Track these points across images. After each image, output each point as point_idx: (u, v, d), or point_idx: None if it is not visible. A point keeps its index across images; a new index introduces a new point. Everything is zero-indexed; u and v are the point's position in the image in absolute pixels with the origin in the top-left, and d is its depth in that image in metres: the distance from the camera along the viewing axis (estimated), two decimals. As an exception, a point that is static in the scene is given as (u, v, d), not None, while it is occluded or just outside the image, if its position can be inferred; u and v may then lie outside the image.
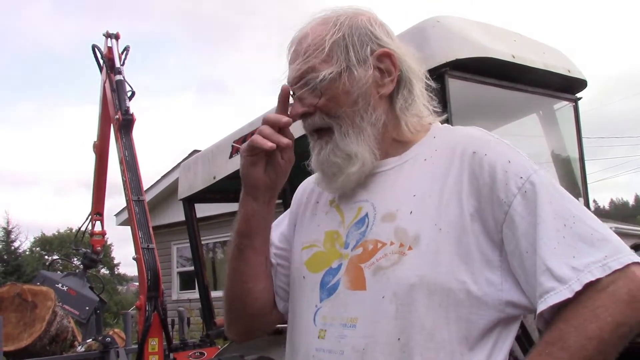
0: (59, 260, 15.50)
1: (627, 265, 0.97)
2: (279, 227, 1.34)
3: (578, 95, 3.35)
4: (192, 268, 6.92)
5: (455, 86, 2.70)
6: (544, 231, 1.01)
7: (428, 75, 1.25)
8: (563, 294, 0.97)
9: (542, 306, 0.99)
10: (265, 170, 1.19)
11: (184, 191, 4.62)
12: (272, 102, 1.22)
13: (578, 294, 0.96)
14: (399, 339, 1.03)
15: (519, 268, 1.04)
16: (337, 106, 1.16)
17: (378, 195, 1.17)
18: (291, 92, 1.21)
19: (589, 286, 0.96)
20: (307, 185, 1.38)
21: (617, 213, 47.48)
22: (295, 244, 1.29)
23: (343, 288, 1.12)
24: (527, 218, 1.03)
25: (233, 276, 1.26)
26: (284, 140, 1.17)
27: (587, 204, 3.42)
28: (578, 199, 3.44)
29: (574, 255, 0.98)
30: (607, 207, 57.59)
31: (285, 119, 1.17)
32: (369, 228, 1.14)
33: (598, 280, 0.96)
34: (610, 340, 0.95)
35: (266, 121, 1.18)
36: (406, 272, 1.05)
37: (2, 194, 55.13)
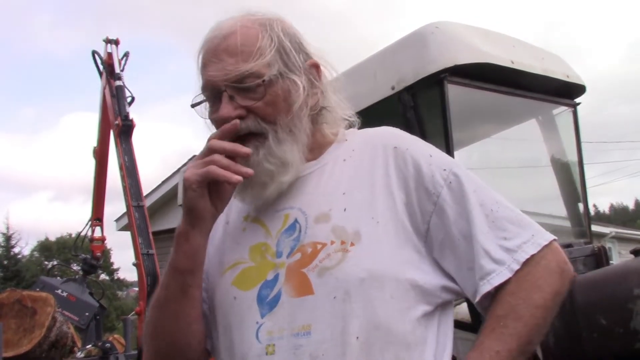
0: (60, 265, 15.45)
1: (551, 242, 1.08)
2: None
3: (577, 100, 3.37)
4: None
5: (455, 92, 2.71)
6: (475, 218, 1.06)
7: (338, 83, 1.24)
8: (504, 274, 1.04)
9: (486, 287, 1.04)
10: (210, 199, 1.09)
11: (183, 197, 4.62)
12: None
13: (516, 271, 1.04)
14: (357, 337, 1.01)
15: (450, 255, 1.08)
16: (275, 112, 1.11)
17: (304, 199, 1.14)
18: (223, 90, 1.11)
19: (525, 262, 1.05)
20: None
21: (617, 217, 47.50)
22: (212, 270, 1.20)
23: (287, 297, 1.06)
24: (455, 207, 1.08)
25: (175, 321, 1.14)
26: (248, 171, 1.07)
27: (587, 209, 3.43)
28: (578, 204, 3.47)
29: (505, 236, 1.06)
30: (607, 211, 57.57)
31: (244, 149, 1.08)
32: (302, 232, 1.10)
33: (532, 256, 1.05)
34: (551, 308, 1.05)
35: (218, 150, 1.07)
36: (353, 268, 1.04)
37: (2, 199, 55.23)
